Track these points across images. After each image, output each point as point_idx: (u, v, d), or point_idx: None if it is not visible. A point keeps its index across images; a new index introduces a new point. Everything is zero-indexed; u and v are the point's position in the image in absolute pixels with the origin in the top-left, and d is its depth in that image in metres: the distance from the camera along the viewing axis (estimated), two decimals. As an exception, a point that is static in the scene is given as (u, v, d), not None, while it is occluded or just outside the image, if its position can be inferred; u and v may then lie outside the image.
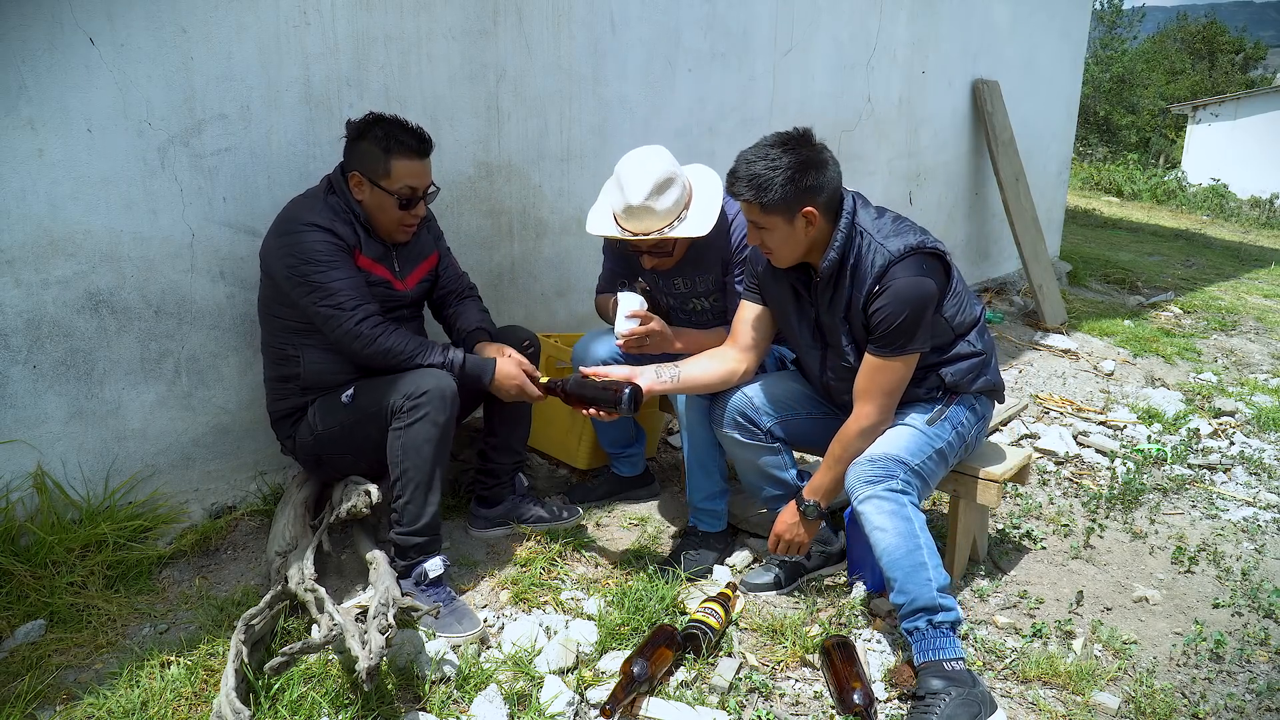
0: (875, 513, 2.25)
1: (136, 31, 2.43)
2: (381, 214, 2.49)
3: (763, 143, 2.30)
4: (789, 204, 2.26)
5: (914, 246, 2.29)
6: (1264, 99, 22.73)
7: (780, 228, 2.31)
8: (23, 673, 2.10)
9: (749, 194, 2.27)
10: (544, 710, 2.06)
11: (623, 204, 2.58)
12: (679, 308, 2.98)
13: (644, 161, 2.57)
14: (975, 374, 2.49)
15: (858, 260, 2.33)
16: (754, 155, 2.28)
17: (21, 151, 2.31)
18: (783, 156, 2.24)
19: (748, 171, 2.26)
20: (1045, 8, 6.64)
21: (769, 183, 2.23)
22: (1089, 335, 5.87)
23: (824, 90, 4.82)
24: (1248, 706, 2.27)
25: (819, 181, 2.27)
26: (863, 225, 2.34)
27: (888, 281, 2.27)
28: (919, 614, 2.19)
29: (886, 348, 2.32)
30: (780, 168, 2.23)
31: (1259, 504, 3.50)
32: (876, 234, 2.32)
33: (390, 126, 2.44)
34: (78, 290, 2.46)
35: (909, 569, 2.19)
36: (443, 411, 2.36)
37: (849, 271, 2.34)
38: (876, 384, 2.36)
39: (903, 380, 2.37)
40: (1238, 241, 11.99)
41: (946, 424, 2.45)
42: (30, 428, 2.45)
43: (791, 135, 2.29)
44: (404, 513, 2.40)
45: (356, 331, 2.39)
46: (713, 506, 2.80)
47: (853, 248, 2.33)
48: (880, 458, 2.31)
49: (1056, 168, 7.35)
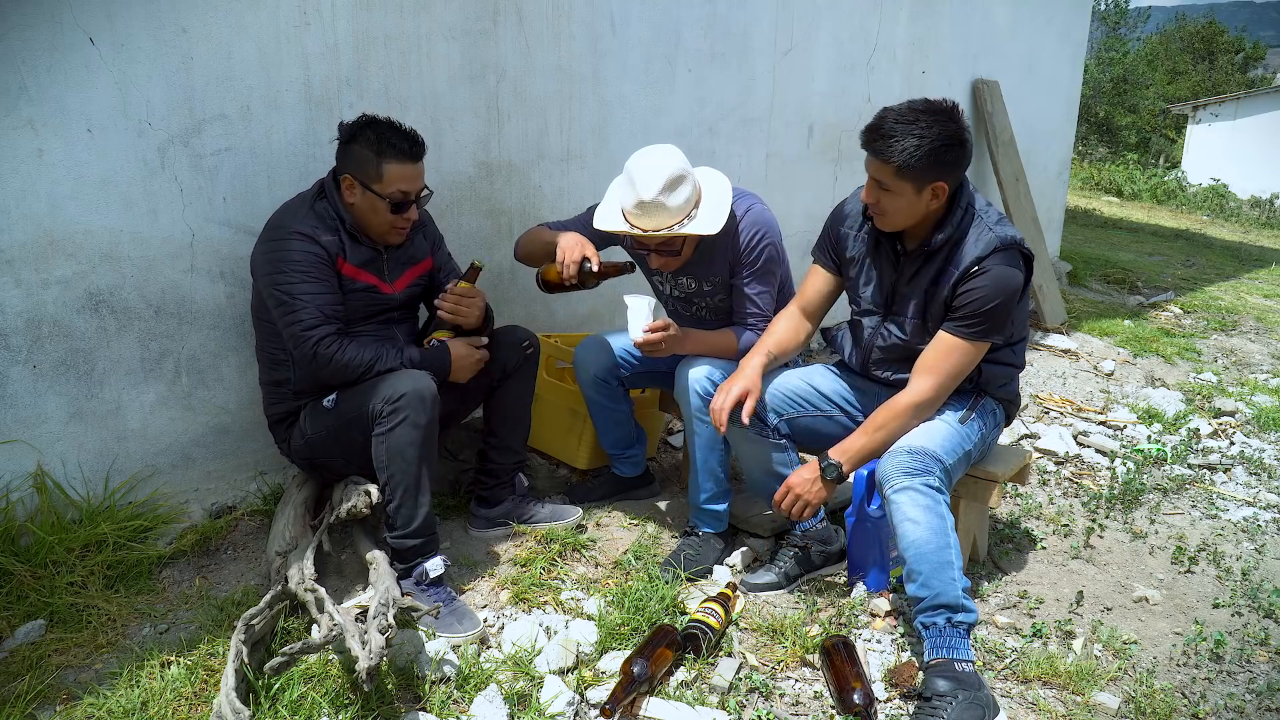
0: (910, 504, 2.24)
1: (136, 31, 2.43)
2: (373, 217, 2.48)
3: (913, 106, 2.27)
4: (924, 174, 2.25)
5: (1017, 240, 2.33)
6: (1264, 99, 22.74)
7: (907, 194, 2.29)
8: (23, 673, 2.10)
9: (889, 155, 2.24)
10: (544, 710, 2.06)
11: (634, 199, 2.57)
12: (683, 307, 2.98)
13: (656, 158, 2.57)
14: (1004, 381, 2.54)
15: (961, 239, 2.34)
16: (903, 118, 2.25)
17: (21, 151, 2.31)
18: (932, 126, 2.22)
19: (893, 131, 2.24)
20: (1045, 8, 6.64)
21: (913, 149, 2.21)
22: (1089, 335, 5.87)
23: (824, 90, 4.82)
24: (1248, 706, 2.27)
25: (959, 159, 2.27)
26: (977, 209, 2.37)
27: (988, 265, 2.30)
28: (940, 610, 2.18)
29: (968, 329, 2.34)
30: (928, 137, 2.21)
31: (1259, 504, 3.50)
32: (987, 219, 2.35)
33: (382, 129, 2.43)
34: (78, 290, 2.46)
35: (937, 565, 2.19)
36: (423, 413, 2.35)
37: (948, 248, 2.36)
38: (945, 363, 2.37)
39: (969, 365, 2.39)
40: (1238, 241, 11.98)
41: (974, 425, 2.47)
42: (30, 428, 2.45)
43: (943, 106, 2.27)
44: (396, 516, 2.40)
45: (313, 354, 2.38)
46: (714, 507, 2.80)
47: (962, 227, 2.35)
48: (920, 451, 2.31)
49: (1056, 168, 7.35)
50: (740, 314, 2.81)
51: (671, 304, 3.03)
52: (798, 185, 4.76)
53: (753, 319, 2.79)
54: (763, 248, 2.74)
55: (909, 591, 2.24)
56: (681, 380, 2.73)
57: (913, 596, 2.23)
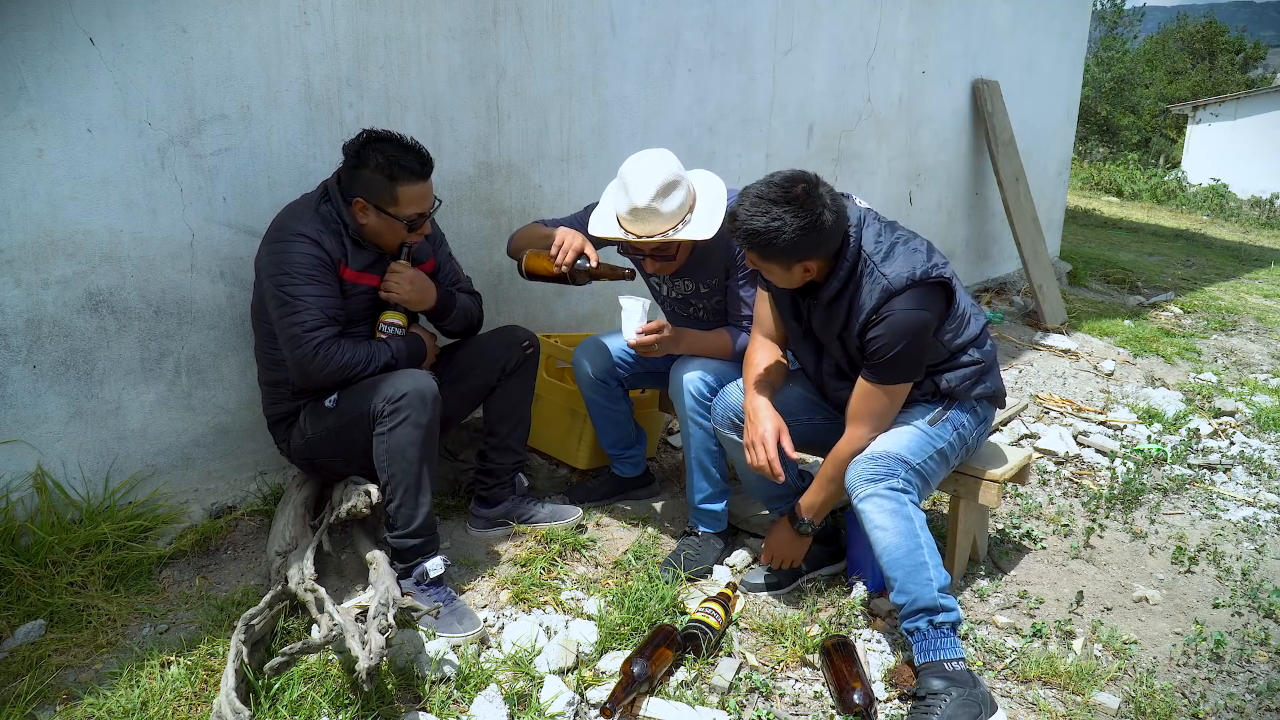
0: (876, 511, 2.24)
1: (136, 31, 2.43)
2: (389, 235, 2.50)
3: (764, 196, 2.20)
4: (788, 258, 2.24)
5: (915, 278, 2.25)
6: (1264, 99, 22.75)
7: (777, 272, 2.30)
8: (23, 673, 2.10)
9: (749, 247, 2.24)
10: (544, 710, 2.06)
11: (628, 205, 2.57)
12: (680, 309, 2.98)
13: (650, 164, 2.57)
14: (973, 381, 2.47)
15: (857, 288, 2.30)
16: (755, 209, 2.20)
17: (21, 151, 2.31)
18: (786, 216, 2.17)
19: (748, 228, 2.20)
20: (1045, 7, 6.64)
21: (769, 242, 2.19)
22: (1089, 335, 5.87)
23: (824, 90, 4.82)
24: (1248, 706, 2.27)
25: (819, 240, 2.22)
26: (866, 251, 2.30)
27: (884, 313, 2.25)
28: (920, 614, 2.19)
29: (880, 375, 2.32)
30: (783, 230, 2.17)
31: (1259, 504, 3.50)
32: (880, 262, 2.28)
33: (390, 150, 2.41)
34: (78, 290, 2.46)
35: (910, 569, 2.19)
36: (424, 413, 2.35)
37: (847, 298, 2.32)
38: (868, 409, 2.36)
39: (894, 407, 2.39)
40: (1238, 241, 11.99)
41: (948, 425, 2.45)
42: (30, 428, 2.45)
43: (795, 194, 2.19)
44: (397, 516, 2.40)
45: (313, 354, 2.38)
46: (713, 507, 2.80)
47: (854, 275, 2.31)
48: (881, 456, 2.31)
49: (1056, 168, 7.35)
50: (735, 315, 2.82)
51: (669, 305, 3.03)
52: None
53: (745, 320, 2.79)
54: None
55: (891, 599, 2.25)
56: (676, 381, 2.73)
57: (894, 604, 2.24)
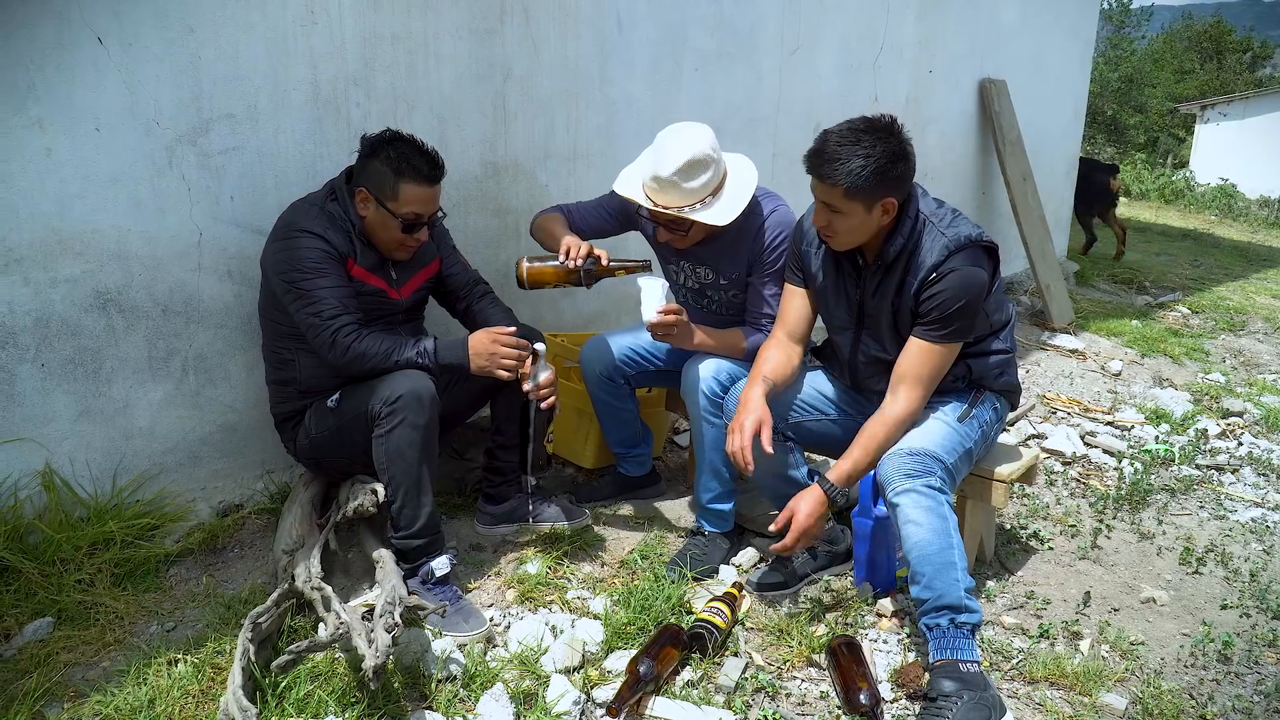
0: (912, 507, 2.24)
1: (144, 30, 2.43)
2: (383, 232, 2.48)
3: (853, 126, 2.25)
4: (873, 193, 2.24)
5: (973, 238, 2.33)
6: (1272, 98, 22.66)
7: (857, 214, 2.29)
8: (31, 670, 2.11)
9: (836, 178, 2.23)
10: (550, 709, 2.06)
11: (652, 173, 2.58)
12: (696, 299, 2.97)
13: (684, 138, 2.56)
14: (999, 371, 2.52)
15: (916, 247, 2.34)
16: (845, 139, 2.23)
17: (30, 150, 2.31)
18: (875, 145, 2.21)
19: (837, 154, 2.22)
20: (1053, 7, 6.61)
21: (859, 170, 2.20)
22: (1096, 335, 5.85)
23: (831, 90, 4.81)
24: (1255, 708, 2.26)
25: (904, 173, 2.27)
26: (926, 214, 2.36)
27: (946, 268, 2.29)
28: (943, 611, 2.18)
29: (936, 332, 2.33)
30: (873, 156, 2.20)
31: (1267, 505, 3.48)
32: (939, 223, 2.34)
33: (404, 148, 2.42)
34: (85, 289, 2.47)
35: (940, 566, 2.19)
36: (421, 414, 2.35)
37: (905, 257, 2.35)
38: (920, 368, 2.36)
39: (944, 367, 2.39)
40: (1246, 241, 11.94)
41: (974, 423, 2.46)
42: (38, 426, 2.46)
43: (882, 123, 2.26)
44: (400, 517, 2.40)
45: (332, 341, 2.37)
46: (719, 507, 2.80)
47: (913, 233, 2.34)
48: (920, 452, 2.30)
49: (1064, 167, 7.32)
50: (754, 313, 2.80)
51: (684, 295, 3.01)
52: (805, 185, 4.72)
53: (764, 320, 2.78)
54: (783, 250, 2.73)
55: (913, 593, 2.24)
56: (689, 378, 2.72)
57: (916, 598, 2.23)
